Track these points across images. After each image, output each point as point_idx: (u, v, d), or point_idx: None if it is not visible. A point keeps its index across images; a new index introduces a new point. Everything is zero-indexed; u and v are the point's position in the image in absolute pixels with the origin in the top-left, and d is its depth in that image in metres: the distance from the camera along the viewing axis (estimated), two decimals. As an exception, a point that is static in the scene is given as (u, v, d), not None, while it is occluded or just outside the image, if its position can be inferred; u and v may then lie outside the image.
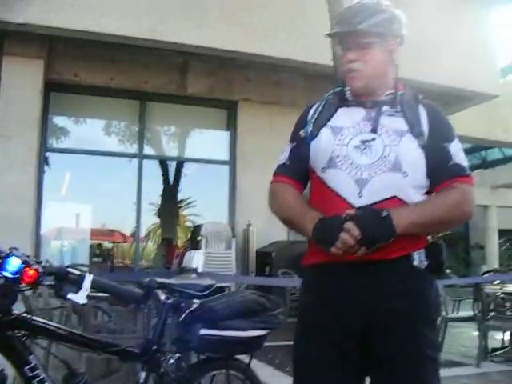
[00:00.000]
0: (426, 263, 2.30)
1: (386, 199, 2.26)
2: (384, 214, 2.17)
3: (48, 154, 11.35)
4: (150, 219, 16.24)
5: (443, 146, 2.37)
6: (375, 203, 2.25)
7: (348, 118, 2.44)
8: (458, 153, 2.39)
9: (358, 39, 2.38)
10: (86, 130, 12.50)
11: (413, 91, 2.52)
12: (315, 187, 2.46)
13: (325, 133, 2.44)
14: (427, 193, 2.39)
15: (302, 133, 2.50)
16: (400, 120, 2.39)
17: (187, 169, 14.92)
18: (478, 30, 11.93)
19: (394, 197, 2.27)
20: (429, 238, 2.38)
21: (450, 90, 11.46)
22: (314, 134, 2.46)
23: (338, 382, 2.30)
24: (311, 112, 2.54)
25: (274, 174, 2.59)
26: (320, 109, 2.52)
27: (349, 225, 2.15)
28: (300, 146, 2.51)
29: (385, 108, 2.43)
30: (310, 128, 2.48)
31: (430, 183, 2.37)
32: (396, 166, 2.29)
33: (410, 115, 2.40)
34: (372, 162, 2.31)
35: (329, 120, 2.47)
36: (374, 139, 2.35)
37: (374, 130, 2.36)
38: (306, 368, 2.38)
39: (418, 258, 2.29)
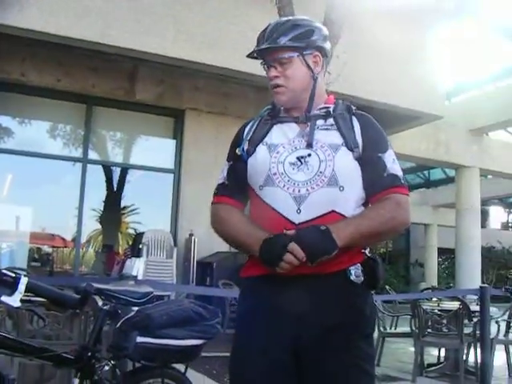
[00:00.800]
0: (362, 278, 2.31)
1: (325, 214, 2.28)
2: (322, 228, 2.18)
3: (-11, 154, 11.11)
4: (91, 225, 16.07)
5: (378, 157, 2.40)
6: (314, 219, 2.26)
7: (282, 135, 2.46)
8: (392, 163, 2.41)
9: (277, 55, 2.42)
10: (30, 131, 12.30)
11: (346, 103, 2.54)
12: (254, 204, 2.47)
13: (261, 150, 2.45)
14: (365, 204, 2.42)
15: (237, 151, 2.49)
16: (334, 133, 2.41)
17: (131, 176, 14.79)
18: (424, 52, 12.13)
19: (332, 211, 2.29)
20: (367, 252, 2.39)
21: (396, 109, 11.61)
22: (250, 152, 2.46)
23: None
24: (246, 130, 2.55)
25: (215, 195, 2.58)
26: (255, 126, 2.53)
27: (293, 245, 2.15)
28: (237, 164, 2.51)
29: (318, 122, 2.44)
30: (245, 146, 2.48)
31: (366, 194, 2.40)
32: (332, 180, 2.30)
33: (343, 128, 2.42)
34: (309, 178, 2.32)
35: (264, 137, 2.48)
36: (309, 155, 2.36)
37: (309, 145, 2.37)
38: (241, 380, 2.38)
39: (355, 273, 2.31)
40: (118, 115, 12.48)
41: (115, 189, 15.34)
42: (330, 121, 2.45)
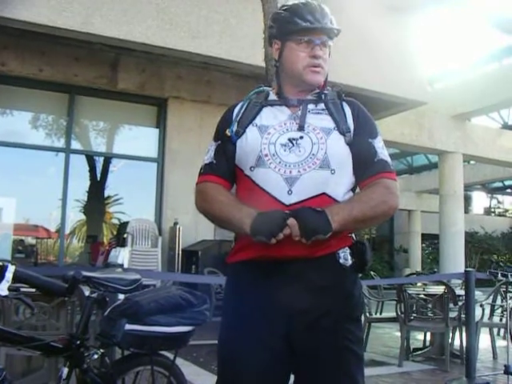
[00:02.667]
0: (350, 261, 2.33)
1: (316, 196, 2.28)
2: (319, 209, 2.19)
3: (-29, 145, 11.02)
4: (75, 215, 16.02)
5: (368, 142, 2.42)
6: (305, 200, 2.26)
7: (273, 117, 2.46)
8: (381, 148, 2.45)
9: (326, 37, 2.46)
10: (12, 121, 12.22)
11: (336, 90, 2.55)
12: (243, 186, 2.44)
13: (251, 132, 2.44)
14: (354, 189, 2.45)
15: (227, 132, 2.47)
16: (326, 117, 2.43)
17: (115, 165, 14.75)
18: (406, 37, 12.16)
19: (323, 193, 2.29)
20: (353, 236, 2.41)
21: (379, 95, 11.63)
22: (240, 133, 2.45)
23: (264, 379, 2.30)
24: (235, 111, 2.53)
25: (201, 174, 2.54)
26: (244, 108, 2.52)
27: (292, 221, 2.15)
28: (225, 145, 2.49)
29: (310, 106, 2.46)
30: (234, 127, 2.47)
31: (356, 179, 2.42)
32: (324, 163, 2.31)
33: (335, 113, 2.44)
34: (300, 160, 2.32)
35: (254, 119, 2.47)
36: (301, 137, 2.36)
37: (301, 128, 2.38)
38: (231, 366, 2.37)
39: (343, 256, 2.32)
40: (100, 104, 12.44)
41: (99, 179, 15.25)
42: (321, 106, 2.47)
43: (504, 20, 13.98)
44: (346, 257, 2.33)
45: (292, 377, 2.37)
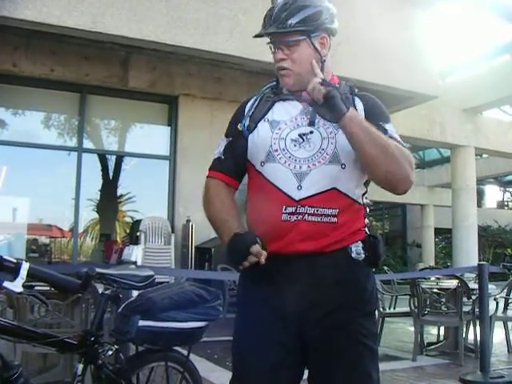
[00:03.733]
0: (363, 255, 2.33)
1: (326, 191, 2.27)
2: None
3: (-16, 146, 11.08)
4: (88, 214, 16.03)
5: (379, 124, 2.35)
6: (315, 195, 2.26)
7: (285, 112, 2.45)
8: (394, 133, 2.39)
9: (284, 38, 2.38)
10: (25, 122, 12.28)
11: (348, 84, 2.51)
12: (254, 181, 2.45)
13: (262, 127, 2.43)
14: (366, 183, 2.43)
15: (239, 127, 2.48)
16: None
17: (127, 163, 14.74)
18: (417, 31, 12.11)
19: (333, 188, 2.28)
20: (367, 230, 2.41)
21: (391, 89, 11.59)
22: (252, 128, 2.45)
23: (276, 374, 2.30)
24: (248, 106, 2.54)
25: (210, 169, 2.56)
26: (256, 103, 2.52)
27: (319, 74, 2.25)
28: (237, 140, 2.49)
29: None
30: (246, 122, 2.47)
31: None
32: (334, 158, 2.30)
33: None
34: (310, 155, 2.31)
35: (266, 114, 2.46)
36: (311, 132, 2.35)
37: (311, 123, 2.36)
38: (243, 361, 2.39)
39: (356, 251, 2.32)
40: (111, 103, 12.47)
41: (111, 177, 15.28)
42: None
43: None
44: (358, 251, 2.32)
45: (306, 372, 2.38)
